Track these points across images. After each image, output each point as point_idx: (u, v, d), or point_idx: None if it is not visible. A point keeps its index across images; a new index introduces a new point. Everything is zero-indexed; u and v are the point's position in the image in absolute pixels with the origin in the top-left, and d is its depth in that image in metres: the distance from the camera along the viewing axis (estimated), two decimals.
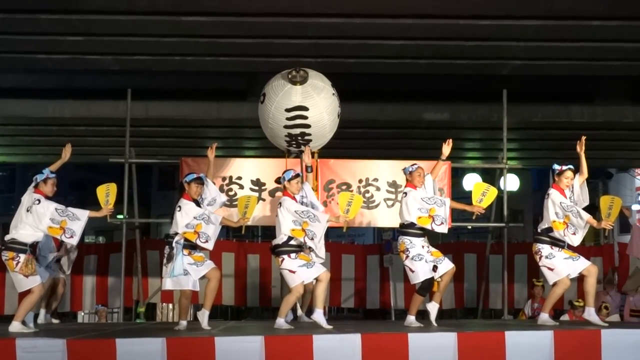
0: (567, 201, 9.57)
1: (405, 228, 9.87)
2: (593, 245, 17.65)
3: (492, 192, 10.44)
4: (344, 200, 10.20)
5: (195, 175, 9.57)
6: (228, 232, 22.09)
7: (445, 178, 12.89)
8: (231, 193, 12.54)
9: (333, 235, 20.22)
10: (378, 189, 12.86)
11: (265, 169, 12.75)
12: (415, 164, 10.07)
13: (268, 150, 13.74)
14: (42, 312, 12.13)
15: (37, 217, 9.27)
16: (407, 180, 10.07)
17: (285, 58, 13.26)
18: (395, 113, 17.29)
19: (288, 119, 9.36)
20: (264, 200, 12.61)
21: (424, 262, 9.74)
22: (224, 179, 12.61)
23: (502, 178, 13.87)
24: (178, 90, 17.12)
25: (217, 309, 19.89)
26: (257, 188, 12.62)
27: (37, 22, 12.82)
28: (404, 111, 17.28)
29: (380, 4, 12.15)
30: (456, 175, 21.81)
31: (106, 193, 10.21)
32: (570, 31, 13.15)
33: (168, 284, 9.47)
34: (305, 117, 9.35)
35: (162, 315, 18.91)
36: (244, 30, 13.25)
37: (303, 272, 9.51)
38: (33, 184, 9.52)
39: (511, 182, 21.71)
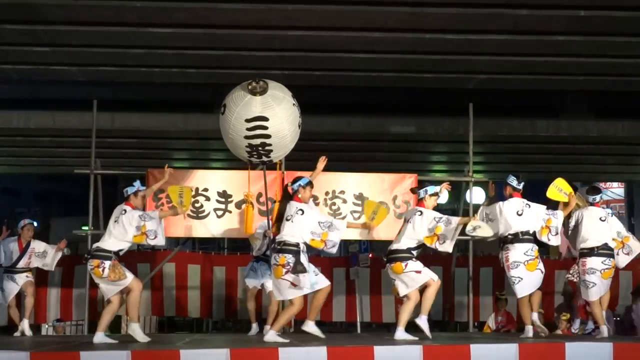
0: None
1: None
2: (558, 259, 17.70)
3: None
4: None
5: (308, 179, 9.58)
6: (194, 244, 21.98)
7: None
8: (197, 205, 12.49)
9: None
10: (345, 201, 12.85)
11: (231, 180, 12.71)
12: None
13: (235, 162, 13.68)
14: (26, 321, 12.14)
15: (123, 228, 9.44)
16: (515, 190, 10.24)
17: (252, 70, 13.28)
18: (362, 126, 17.35)
19: (248, 129, 9.35)
20: (230, 212, 12.57)
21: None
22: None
23: (468, 191, 13.92)
24: (144, 102, 17.08)
25: (182, 321, 19.79)
26: (223, 200, 12.58)
27: (2, 33, 12.75)
28: (371, 124, 17.34)
29: (347, 18, 12.20)
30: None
31: (179, 194, 10.37)
32: (534, 46, 13.28)
33: (307, 291, 9.35)
34: (266, 128, 9.35)
35: (127, 328, 18.78)
36: (211, 42, 13.26)
37: (427, 270, 9.78)
38: (125, 196, 9.72)
39: (477, 195, 21.80)
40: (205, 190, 12.58)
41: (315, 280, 9.32)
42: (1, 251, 12.20)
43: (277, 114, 9.39)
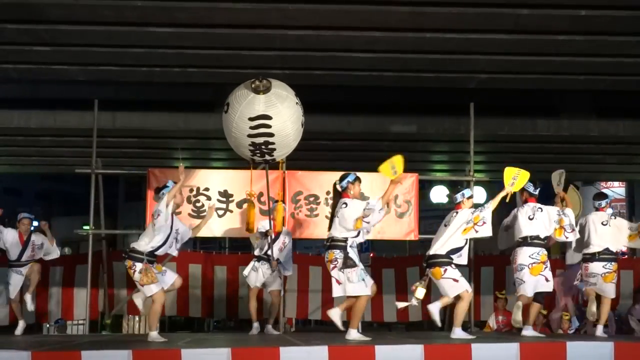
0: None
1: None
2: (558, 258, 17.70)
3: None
4: (509, 175, 10.43)
5: (355, 175, 9.61)
6: (195, 244, 21.99)
7: (413, 190, 12.92)
8: (198, 204, 12.51)
9: (300, 247, 20.20)
10: None
11: (232, 180, 12.73)
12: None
13: (236, 161, 13.72)
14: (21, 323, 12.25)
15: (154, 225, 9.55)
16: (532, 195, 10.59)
17: (253, 70, 13.27)
18: (363, 125, 17.34)
19: (251, 127, 9.38)
20: (231, 211, 12.57)
21: None
22: (191, 190, 12.58)
23: (470, 190, 13.91)
24: (145, 101, 17.06)
25: (183, 321, 19.81)
26: (224, 199, 12.60)
27: (2, 32, 12.74)
28: (372, 123, 17.33)
29: (347, 17, 12.19)
30: (423, 188, 21.86)
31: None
32: (535, 45, 13.26)
33: (350, 290, 9.38)
34: (269, 126, 9.38)
35: (128, 327, 18.78)
36: (212, 42, 13.25)
37: (464, 280, 9.83)
38: (161, 198, 9.74)
39: (478, 195, 21.82)
40: (207, 189, 12.60)
41: (361, 277, 9.35)
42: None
43: (281, 112, 9.42)
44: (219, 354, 7.74)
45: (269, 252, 11.51)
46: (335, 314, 9.38)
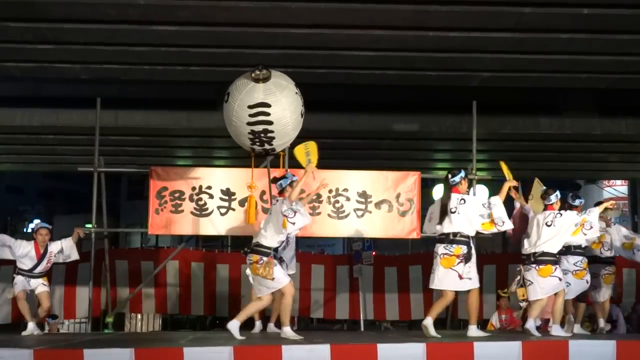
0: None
1: None
2: None
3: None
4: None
5: (464, 173, 9.69)
6: (197, 242, 22.00)
7: (415, 189, 12.90)
8: (201, 202, 12.50)
9: (303, 246, 20.15)
10: (348, 199, 12.84)
11: (235, 178, 12.71)
12: None
13: (238, 160, 13.73)
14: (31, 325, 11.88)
15: (276, 219, 9.42)
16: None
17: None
18: (365, 124, 17.34)
19: (251, 115, 9.47)
20: (234, 210, 12.56)
21: None
22: (193, 188, 12.57)
23: (472, 189, 13.92)
24: (148, 100, 17.07)
25: (185, 319, 19.82)
26: (226, 198, 12.58)
27: (5, 30, 12.76)
28: (374, 122, 17.33)
29: (350, 15, 12.20)
30: (426, 186, 21.79)
31: (306, 152, 10.13)
32: (538, 44, 13.27)
33: (470, 284, 9.55)
34: (268, 114, 9.47)
35: (130, 325, 18.79)
36: (214, 40, 13.26)
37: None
38: (278, 189, 9.73)
39: (481, 193, 21.79)
40: (209, 188, 12.59)
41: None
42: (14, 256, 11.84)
43: (280, 100, 9.52)
44: (221, 352, 7.74)
45: None
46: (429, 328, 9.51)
